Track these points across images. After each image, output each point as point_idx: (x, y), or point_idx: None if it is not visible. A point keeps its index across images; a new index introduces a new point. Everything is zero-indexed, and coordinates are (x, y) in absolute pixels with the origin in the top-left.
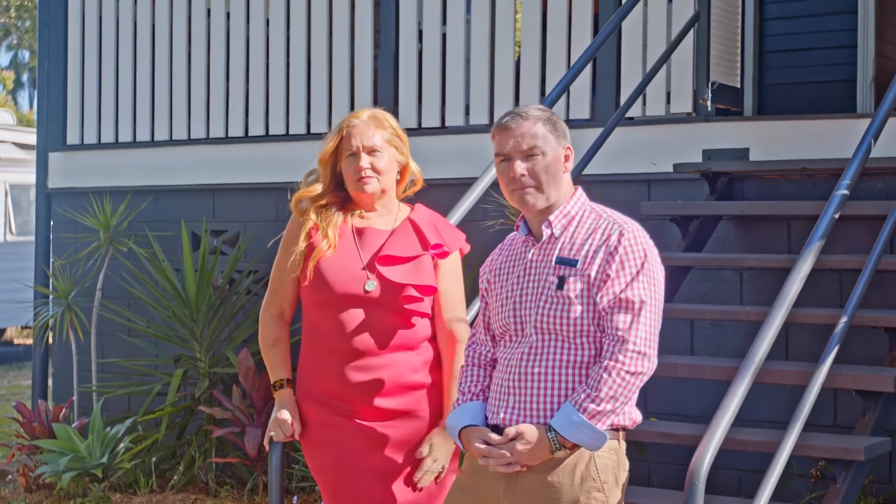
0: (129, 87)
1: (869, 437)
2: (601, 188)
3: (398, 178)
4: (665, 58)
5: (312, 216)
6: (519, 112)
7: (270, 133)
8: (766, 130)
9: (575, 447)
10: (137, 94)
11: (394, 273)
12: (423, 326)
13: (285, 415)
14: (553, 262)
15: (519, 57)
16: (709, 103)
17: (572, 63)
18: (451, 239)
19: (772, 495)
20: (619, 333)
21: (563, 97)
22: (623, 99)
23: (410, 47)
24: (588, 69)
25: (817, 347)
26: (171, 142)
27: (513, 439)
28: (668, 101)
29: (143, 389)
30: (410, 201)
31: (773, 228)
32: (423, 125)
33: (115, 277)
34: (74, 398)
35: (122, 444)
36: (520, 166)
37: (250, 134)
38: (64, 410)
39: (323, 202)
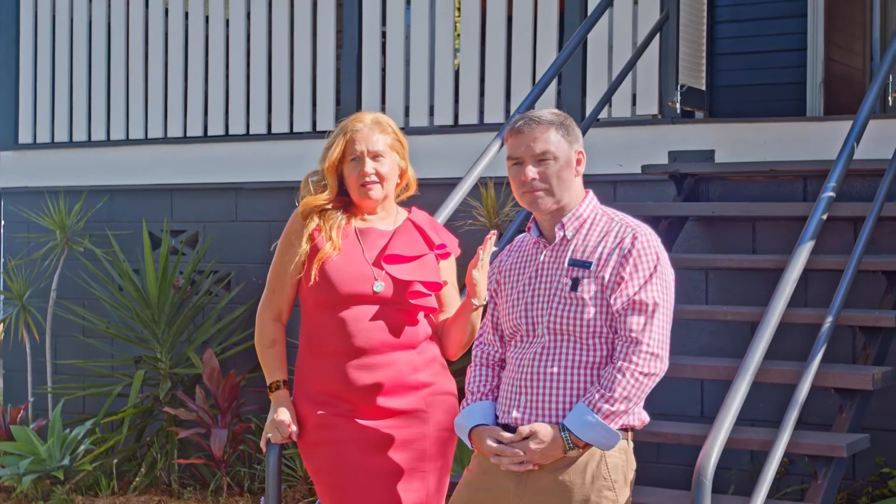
0: (83, 86)
1: (848, 433)
2: None
3: (398, 181)
4: (633, 61)
5: (315, 219)
6: (532, 116)
7: (231, 133)
8: (731, 132)
9: (587, 446)
10: (93, 93)
11: (400, 271)
12: (424, 325)
13: (283, 416)
14: (566, 264)
15: (484, 57)
16: (678, 105)
17: (537, 60)
18: (449, 242)
19: (737, 490)
20: (633, 335)
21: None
22: (589, 100)
23: (373, 48)
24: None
25: (785, 345)
26: (128, 141)
27: (526, 438)
28: (634, 103)
29: (103, 391)
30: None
31: (738, 229)
32: None
33: (76, 278)
34: (30, 400)
35: (82, 446)
36: (531, 171)
37: (210, 133)
38: (21, 412)
39: (326, 206)
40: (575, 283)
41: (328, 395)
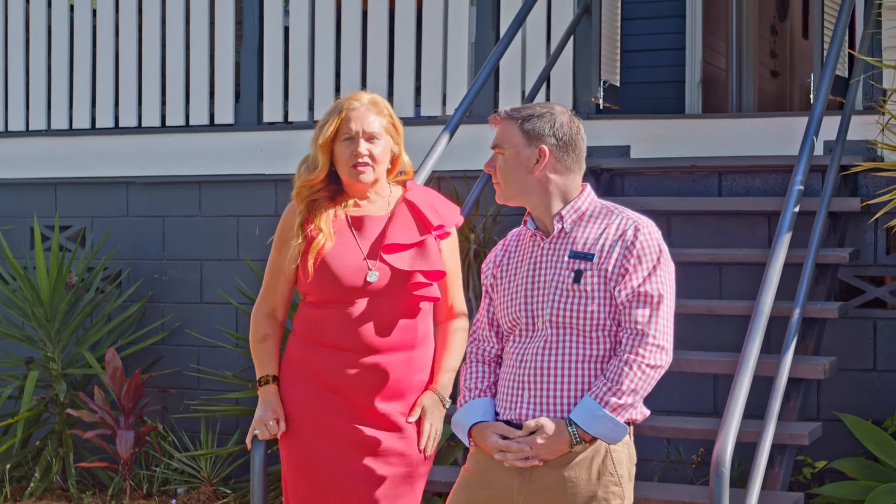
0: None
1: (799, 422)
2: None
3: (389, 167)
4: (554, 58)
5: (303, 212)
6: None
7: (121, 125)
8: (645, 128)
9: (593, 441)
10: None
11: (400, 260)
12: (423, 321)
13: (271, 412)
14: (566, 257)
15: (393, 49)
16: (601, 101)
17: (448, 49)
18: (448, 215)
19: (661, 479)
20: (639, 327)
21: (440, 95)
22: (501, 97)
23: (276, 39)
24: (468, 67)
25: (731, 337)
26: (7, 133)
27: (532, 433)
28: (548, 98)
29: None
30: None
31: (655, 223)
32: (290, 119)
33: None
34: None
35: None
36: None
37: (98, 126)
38: None
39: (315, 196)
40: (578, 276)
41: (323, 386)
